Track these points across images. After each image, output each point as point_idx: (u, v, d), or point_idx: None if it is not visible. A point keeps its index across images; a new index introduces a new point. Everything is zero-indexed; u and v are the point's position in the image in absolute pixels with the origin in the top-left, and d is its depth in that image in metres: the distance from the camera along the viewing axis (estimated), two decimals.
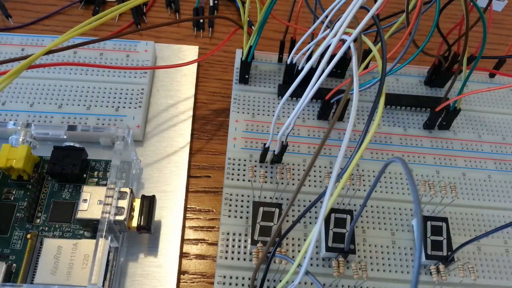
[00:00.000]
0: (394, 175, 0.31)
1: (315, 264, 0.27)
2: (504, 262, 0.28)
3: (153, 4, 0.40)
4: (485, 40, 0.27)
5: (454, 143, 0.33)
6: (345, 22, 0.19)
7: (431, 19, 0.27)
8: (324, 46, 0.20)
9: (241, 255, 0.27)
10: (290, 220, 0.28)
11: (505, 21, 0.43)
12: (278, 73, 0.35)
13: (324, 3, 0.30)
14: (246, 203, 0.28)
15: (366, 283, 0.26)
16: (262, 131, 0.32)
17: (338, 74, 0.35)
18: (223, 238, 0.27)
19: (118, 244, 0.25)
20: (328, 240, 0.26)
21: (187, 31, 0.39)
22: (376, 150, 0.32)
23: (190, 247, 0.28)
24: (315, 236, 0.18)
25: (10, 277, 0.24)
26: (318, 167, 0.30)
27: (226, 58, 0.37)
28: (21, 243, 0.25)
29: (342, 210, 0.27)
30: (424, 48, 0.27)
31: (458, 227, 0.29)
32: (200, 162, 0.31)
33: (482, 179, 0.31)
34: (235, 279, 0.26)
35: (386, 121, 0.33)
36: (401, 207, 0.29)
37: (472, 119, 0.34)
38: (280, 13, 0.35)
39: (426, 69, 0.36)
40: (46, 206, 0.26)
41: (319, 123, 0.33)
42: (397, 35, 0.29)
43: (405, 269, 0.27)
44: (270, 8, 0.28)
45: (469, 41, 0.27)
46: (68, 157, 0.27)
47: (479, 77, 0.37)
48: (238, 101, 0.33)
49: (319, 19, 0.27)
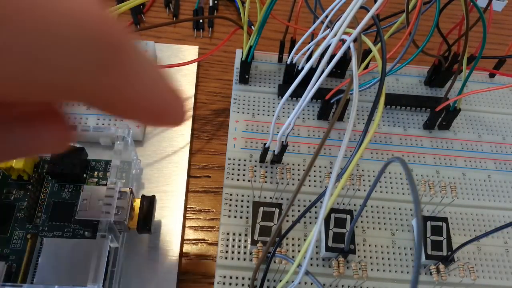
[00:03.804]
0: (394, 175, 0.31)
1: (315, 264, 0.27)
2: (504, 262, 0.28)
3: (152, 4, 0.40)
4: (485, 40, 0.27)
5: (454, 143, 0.33)
6: (345, 22, 0.19)
7: (431, 19, 0.27)
8: (324, 46, 0.21)
9: (241, 255, 0.27)
10: (290, 220, 0.28)
11: (505, 21, 0.43)
12: (278, 73, 0.35)
13: (324, 3, 0.30)
14: (246, 203, 0.28)
15: (366, 283, 0.26)
16: (262, 131, 0.32)
17: (338, 74, 0.35)
18: (223, 238, 0.27)
19: (118, 244, 0.25)
20: (328, 240, 0.26)
21: (187, 31, 0.39)
22: (376, 150, 0.32)
23: (190, 247, 0.28)
24: (315, 236, 0.18)
25: (10, 277, 0.24)
26: (318, 167, 0.30)
27: (226, 58, 0.37)
28: (21, 243, 0.25)
29: (342, 210, 0.27)
30: (424, 48, 0.27)
31: (458, 227, 0.29)
32: (200, 162, 0.31)
33: (482, 179, 0.31)
34: (235, 279, 0.26)
35: (386, 121, 0.33)
36: (401, 207, 0.29)
37: (472, 119, 0.34)
38: (280, 13, 0.35)
39: (426, 69, 0.36)
40: (46, 206, 0.26)
41: (319, 123, 0.33)
42: (397, 35, 0.29)
43: (405, 269, 0.27)
44: (270, 8, 0.28)
45: (469, 41, 0.27)
46: (68, 157, 0.27)
47: (479, 77, 0.37)
48: (238, 101, 0.33)
49: (319, 19, 0.27)
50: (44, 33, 0.08)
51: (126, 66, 0.09)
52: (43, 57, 0.08)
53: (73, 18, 0.08)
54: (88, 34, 0.08)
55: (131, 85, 0.10)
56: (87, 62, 0.08)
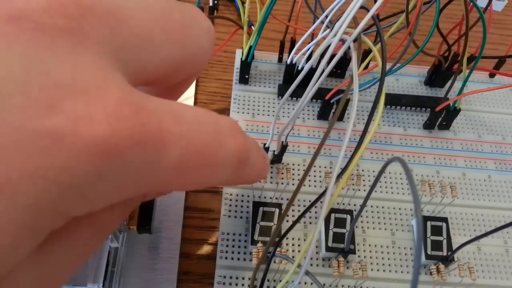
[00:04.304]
0: (394, 175, 0.31)
1: (315, 264, 0.27)
2: (504, 262, 0.28)
3: None
4: (485, 40, 0.27)
5: (454, 143, 0.33)
6: (345, 22, 0.19)
7: (431, 19, 0.27)
8: (324, 46, 0.20)
9: (241, 255, 0.27)
10: (290, 220, 0.28)
11: (505, 21, 0.43)
12: (278, 73, 0.35)
13: (324, 3, 0.30)
14: (246, 203, 0.28)
15: (366, 283, 0.26)
16: (262, 131, 0.32)
17: (338, 74, 0.35)
18: (223, 238, 0.27)
19: (118, 244, 0.25)
20: (328, 240, 0.26)
21: None
22: (376, 150, 0.32)
23: (190, 247, 0.28)
24: (315, 236, 0.18)
25: None
26: (318, 167, 0.30)
27: (226, 58, 0.37)
28: None
29: (342, 210, 0.27)
30: (424, 48, 0.27)
31: (458, 227, 0.29)
32: None
33: (482, 179, 0.31)
34: (235, 279, 0.26)
35: (386, 121, 0.33)
36: (401, 207, 0.29)
37: (472, 119, 0.34)
38: (280, 13, 0.35)
39: (426, 69, 0.36)
40: None
41: (319, 123, 0.33)
42: (397, 35, 0.29)
43: (405, 269, 0.27)
44: (270, 8, 0.28)
45: (469, 41, 0.27)
46: None
47: (479, 77, 0.37)
48: (238, 101, 0.33)
49: (319, 19, 0.27)
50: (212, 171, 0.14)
51: (248, 164, 0.15)
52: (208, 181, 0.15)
53: (233, 157, 0.14)
54: (236, 159, 0.14)
55: (249, 175, 0.17)
56: (232, 171, 0.15)
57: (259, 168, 0.17)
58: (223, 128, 0.14)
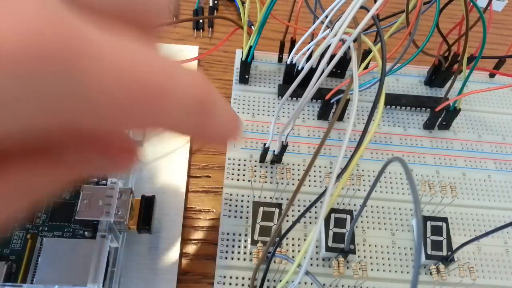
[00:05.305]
0: (394, 175, 0.31)
1: (315, 264, 0.27)
2: (504, 262, 0.28)
3: None
4: (485, 40, 0.27)
5: (454, 143, 0.33)
6: (345, 22, 0.19)
7: (431, 19, 0.27)
8: (324, 46, 0.21)
9: (241, 255, 0.27)
10: (290, 220, 0.28)
11: (505, 21, 0.43)
12: (278, 73, 0.35)
13: (324, 3, 0.30)
14: (246, 203, 0.28)
15: (366, 283, 0.26)
16: (262, 131, 0.32)
17: (338, 74, 0.35)
18: (223, 238, 0.27)
19: (118, 244, 0.25)
20: (328, 240, 0.26)
21: (187, 31, 0.38)
22: (376, 150, 0.32)
23: (190, 247, 0.28)
24: (315, 236, 0.18)
25: (10, 277, 0.24)
26: (318, 167, 0.30)
27: (226, 58, 0.37)
28: (21, 243, 0.25)
29: (342, 210, 0.27)
30: (424, 48, 0.27)
31: (458, 227, 0.29)
32: (200, 162, 0.31)
33: (482, 179, 0.31)
34: (235, 279, 0.26)
35: (386, 121, 0.33)
36: (401, 207, 0.29)
37: (472, 119, 0.34)
38: (280, 13, 0.35)
39: (426, 69, 0.36)
40: (46, 206, 0.26)
41: (319, 123, 0.33)
42: (397, 35, 0.29)
43: (405, 269, 0.27)
44: (270, 8, 0.28)
45: (469, 41, 0.27)
46: None
47: (479, 77, 0.37)
48: (238, 101, 0.33)
49: (319, 19, 0.27)
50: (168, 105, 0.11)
51: (212, 114, 0.13)
52: (171, 117, 0.12)
53: (191, 94, 0.12)
54: (195, 101, 0.12)
55: (216, 128, 0.14)
56: (193, 116, 0.12)
57: (227, 120, 0.14)
58: (177, 65, 0.12)
